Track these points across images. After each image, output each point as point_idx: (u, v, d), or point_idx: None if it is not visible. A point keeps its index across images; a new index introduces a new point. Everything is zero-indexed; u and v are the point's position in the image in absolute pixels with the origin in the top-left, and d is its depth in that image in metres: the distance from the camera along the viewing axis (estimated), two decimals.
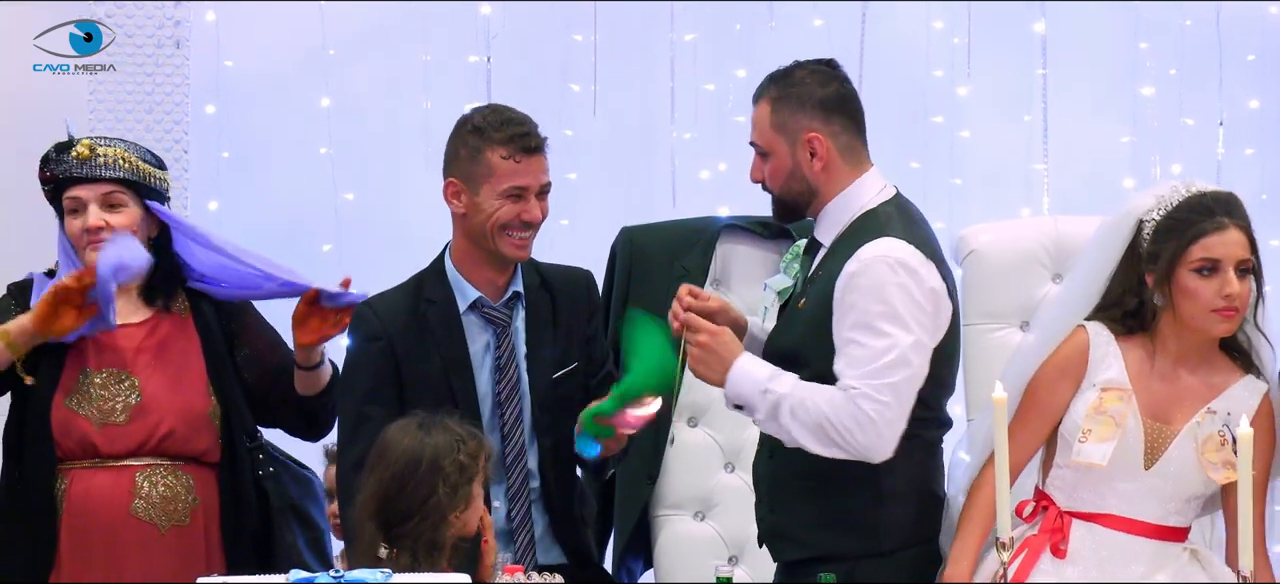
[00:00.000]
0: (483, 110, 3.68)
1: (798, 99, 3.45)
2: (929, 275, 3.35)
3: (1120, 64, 5.42)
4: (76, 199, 3.77)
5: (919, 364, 3.32)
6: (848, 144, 3.46)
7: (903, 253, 3.34)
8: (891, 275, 3.32)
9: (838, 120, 3.45)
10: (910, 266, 3.32)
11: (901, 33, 5.43)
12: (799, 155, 3.44)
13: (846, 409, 3.29)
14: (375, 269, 5.19)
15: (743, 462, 4.16)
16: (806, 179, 3.45)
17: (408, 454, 3.29)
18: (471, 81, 5.34)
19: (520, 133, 3.60)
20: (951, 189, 5.45)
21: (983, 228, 4.12)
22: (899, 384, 3.28)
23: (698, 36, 5.33)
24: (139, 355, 3.79)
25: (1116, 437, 3.38)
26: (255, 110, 5.34)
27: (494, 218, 3.60)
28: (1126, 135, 5.39)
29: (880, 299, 3.31)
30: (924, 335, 3.32)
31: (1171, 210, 3.37)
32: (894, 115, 5.44)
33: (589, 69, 5.33)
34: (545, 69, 5.36)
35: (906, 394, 3.31)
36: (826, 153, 3.43)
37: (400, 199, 5.40)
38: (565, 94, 5.28)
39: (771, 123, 3.47)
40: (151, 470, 3.73)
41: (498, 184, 3.59)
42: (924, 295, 3.33)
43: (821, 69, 3.50)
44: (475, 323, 3.67)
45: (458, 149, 3.65)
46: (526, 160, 3.60)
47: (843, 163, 3.45)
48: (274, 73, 5.37)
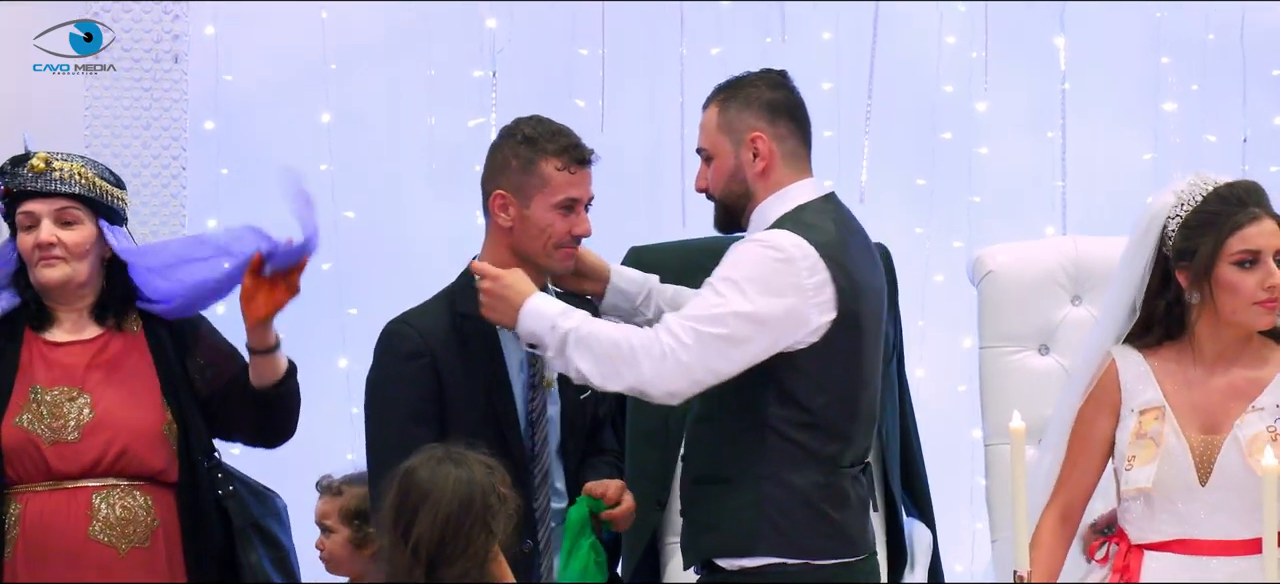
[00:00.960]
0: (529, 121, 3.66)
1: (744, 100, 3.50)
2: (807, 267, 3.35)
3: (1142, 79, 5.44)
4: (30, 213, 3.77)
5: (745, 335, 3.32)
6: (792, 150, 3.50)
7: (781, 238, 3.37)
8: (756, 250, 3.38)
9: (784, 124, 3.50)
10: (783, 250, 3.35)
11: (914, 47, 5.47)
12: (742, 156, 3.49)
13: (643, 338, 3.35)
14: (377, 288, 5.32)
15: None
16: (746, 181, 3.49)
17: (458, 493, 3.19)
18: (476, 96, 5.39)
19: (573, 144, 3.61)
20: (969, 207, 5.49)
21: (1000, 248, 4.18)
22: (708, 337, 3.31)
23: (719, 50, 5.37)
24: (90, 372, 3.77)
25: (1158, 456, 3.37)
26: (254, 125, 5.34)
27: (548, 232, 3.60)
28: (1148, 152, 5.42)
29: (734, 264, 3.37)
30: (767, 312, 3.32)
31: (1200, 204, 3.38)
32: (908, 131, 5.52)
33: (596, 83, 5.36)
34: (551, 83, 5.37)
35: (714, 352, 3.31)
36: (769, 154, 3.47)
37: (403, 216, 5.46)
38: (571, 109, 5.26)
39: (717, 123, 3.52)
40: (108, 491, 3.72)
41: (551, 196, 3.59)
42: (787, 281, 3.34)
43: (772, 76, 3.56)
44: (510, 339, 3.64)
45: (507, 160, 3.63)
46: (579, 172, 3.61)
47: (783, 167, 3.49)
48: (274, 87, 5.39)
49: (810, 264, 3.35)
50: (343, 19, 5.34)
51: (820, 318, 3.37)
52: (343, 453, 5.16)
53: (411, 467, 3.25)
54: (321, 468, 4.52)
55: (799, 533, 3.40)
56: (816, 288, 3.35)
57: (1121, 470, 3.43)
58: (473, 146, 5.25)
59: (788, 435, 3.40)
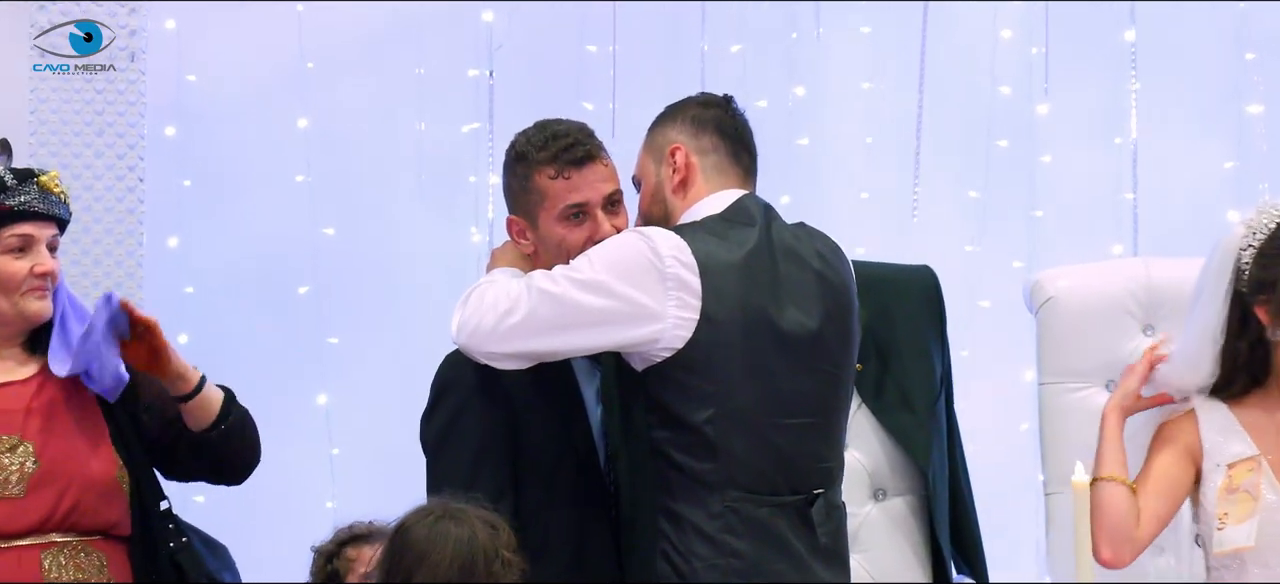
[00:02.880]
0: (527, 132, 3.69)
1: (672, 117, 3.62)
2: (671, 257, 3.41)
3: (1223, 78, 5.44)
4: (28, 236, 3.71)
5: (587, 303, 3.40)
6: (716, 164, 3.57)
7: (655, 231, 3.46)
8: (628, 236, 3.49)
9: (709, 138, 3.58)
10: (651, 241, 3.43)
11: (966, 42, 5.50)
12: (662, 173, 3.58)
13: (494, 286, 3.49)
14: (360, 315, 5.33)
15: None
16: (665, 199, 3.58)
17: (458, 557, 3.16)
18: (471, 98, 5.40)
19: (565, 145, 3.62)
20: (1029, 223, 5.49)
21: (1061, 271, 4.13)
22: (542, 292, 3.42)
23: (741, 47, 5.40)
24: (30, 418, 3.69)
25: (1256, 511, 3.36)
26: (221, 132, 5.35)
27: (563, 248, 3.60)
28: (1230, 160, 5.41)
29: (605, 242, 3.49)
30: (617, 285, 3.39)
31: (1275, 231, 3.41)
32: (958, 137, 5.56)
33: (605, 84, 5.37)
34: (556, 84, 5.38)
35: (545, 313, 3.42)
36: (686, 166, 3.55)
37: (390, 234, 5.47)
38: (578, 113, 5.24)
39: (645, 146, 3.64)
40: (58, 550, 3.65)
41: (552, 208, 3.61)
42: (645, 266, 3.40)
43: (711, 97, 3.66)
44: (584, 369, 3.67)
45: (509, 183, 3.69)
46: (578, 173, 3.61)
47: (702, 180, 3.56)
48: (244, 89, 5.39)
49: (674, 255, 3.41)
50: (322, 13, 5.34)
51: (678, 313, 3.40)
52: (321, 499, 5.17)
53: (406, 524, 3.22)
54: (296, 514, 4.60)
55: (700, 572, 3.40)
56: (679, 279, 3.40)
57: (1210, 531, 3.43)
58: (467, 156, 5.35)
59: (673, 459, 3.44)
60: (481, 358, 3.49)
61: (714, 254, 3.45)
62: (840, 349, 3.57)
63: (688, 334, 3.42)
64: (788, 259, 3.52)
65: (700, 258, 3.43)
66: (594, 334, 3.45)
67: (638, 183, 3.66)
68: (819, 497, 3.51)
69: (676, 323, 3.42)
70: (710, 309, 3.42)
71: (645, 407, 3.46)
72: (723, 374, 3.44)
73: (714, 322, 3.42)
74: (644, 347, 3.43)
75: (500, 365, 3.49)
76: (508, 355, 3.48)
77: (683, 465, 3.44)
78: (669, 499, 3.44)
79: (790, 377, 3.49)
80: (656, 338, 3.42)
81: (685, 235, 3.45)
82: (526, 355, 3.48)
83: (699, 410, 3.44)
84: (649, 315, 3.41)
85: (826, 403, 3.55)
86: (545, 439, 3.61)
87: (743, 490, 3.44)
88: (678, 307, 3.42)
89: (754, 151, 3.64)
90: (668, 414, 3.44)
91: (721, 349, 3.44)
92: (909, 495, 3.99)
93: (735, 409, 3.44)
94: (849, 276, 3.63)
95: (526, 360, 3.49)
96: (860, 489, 3.95)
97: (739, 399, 3.44)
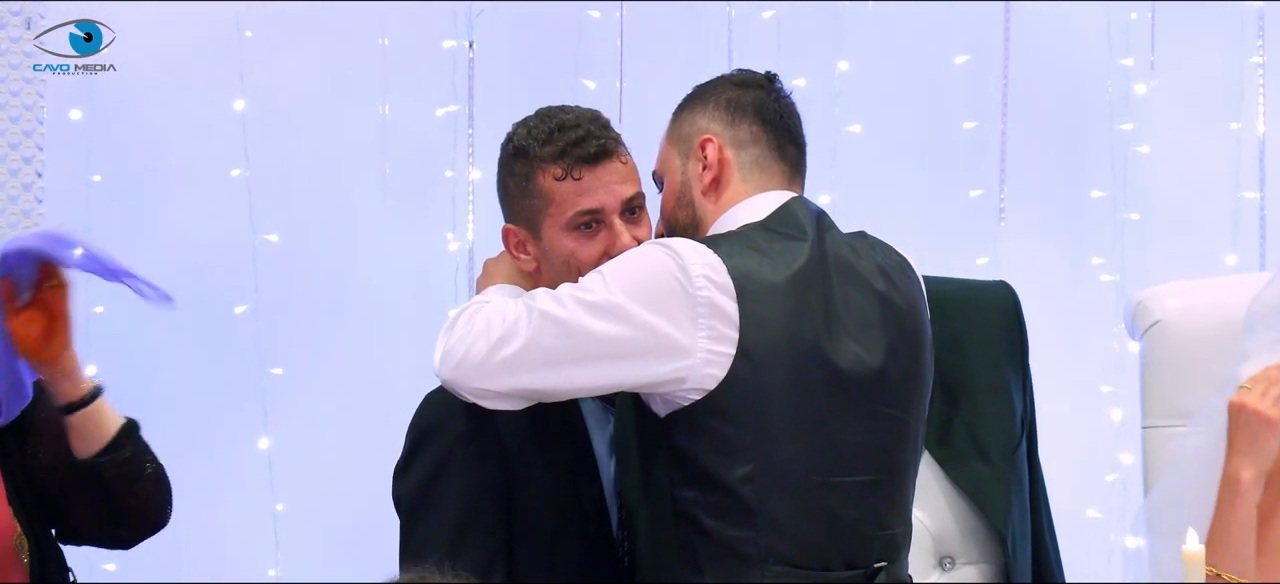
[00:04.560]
0: (527, 122, 3.68)
1: (702, 100, 3.60)
2: (702, 277, 3.38)
3: None
4: None
5: (599, 331, 3.37)
6: (756, 159, 3.56)
7: (683, 244, 3.41)
8: (649, 249, 3.45)
9: (748, 126, 3.57)
10: (678, 256, 3.38)
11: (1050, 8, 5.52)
12: (690, 169, 3.58)
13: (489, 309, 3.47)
14: (311, 340, 5.31)
15: None
16: (692, 202, 3.58)
17: None
18: (446, 75, 5.39)
19: (575, 138, 3.60)
20: (1125, 228, 5.51)
21: (1171, 289, 4.12)
22: (545, 316, 3.38)
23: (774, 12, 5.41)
24: None
25: None
26: (139, 116, 5.33)
27: (572, 264, 3.61)
28: None
29: (622, 257, 3.47)
30: (636, 310, 3.36)
31: None
32: (1038, 122, 5.60)
33: (611, 57, 5.37)
34: (550, 58, 5.40)
35: (548, 342, 3.38)
36: (719, 162, 3.54)
37: (347, 242, 5.50)
38: (579, 93, 5.27)
39: (669, 136, 3.63)
40: None
41: (559, 216, 3.61)
42: (671, 288, 3.37)
43: (749, 76, 3.65)
44: (594, 412, 3.69)
45: (506, 184, 3.68)
46: (591, 173, 3.60)
47: (740, 179, 3.56)
48: (167, 64, 5.37)
49: (705, 272, 3.37)
50: None
51: (710, 346, 3.37)
52: (262, 567, 5.17)
53: None
54: None
55: None
56: (710, 303, 3.37)
57: None
58: (441, 144, 5.33)
59: (702, 525, 3.42)
60: (469, 395, 3.44)
61: (754, 273, 3.40)
62: (908, 390, 3.54)
63: (721, 373, 3.38)
64: (845, 279, 3.49)
65: (737, 278, 3.38)
66: (607, 370, 3.41)
67: (660, 180, 3.64)
68: (880, 571, 3.49)
69: (708, 359, 3.37)
70: (749, 342, 3.38)
71: (669, 461, 3.43)
72: (764, 422, 3.40)
73: (754, 357, 3.38)
74: (668, 387, 3.39)
75: (491, 405, 3.45)
76: (501, 393, 3.44)
77: (713, 533, 3.41)
78: (696, 574, 3.43)
79: (847, 425, 3.46)
80: (683, 377, 3.38)
81: (719, 249, 3.40)
82: (524, 393, 3.44)
83: (734, 466, 3.40)
84: (674, 349, 3.37)
85: (891, 456, 3.52)
86: (547, 498, 3.61)
87: (787, 564, 3.42)
88: (710, 338, 3.38)
89: (802, 143, 3.62)
90: (696, 470, 3.41)
91: (763, 391, 3.40)
92: (983, 564, 4.01)
93: (779, 465, 3.41)
94: (920, 300, 3.60)
95: (524, 400, 3.46)
96: (924, 557, 3.96)
97: (784, 453, 3.41)
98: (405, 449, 3.64)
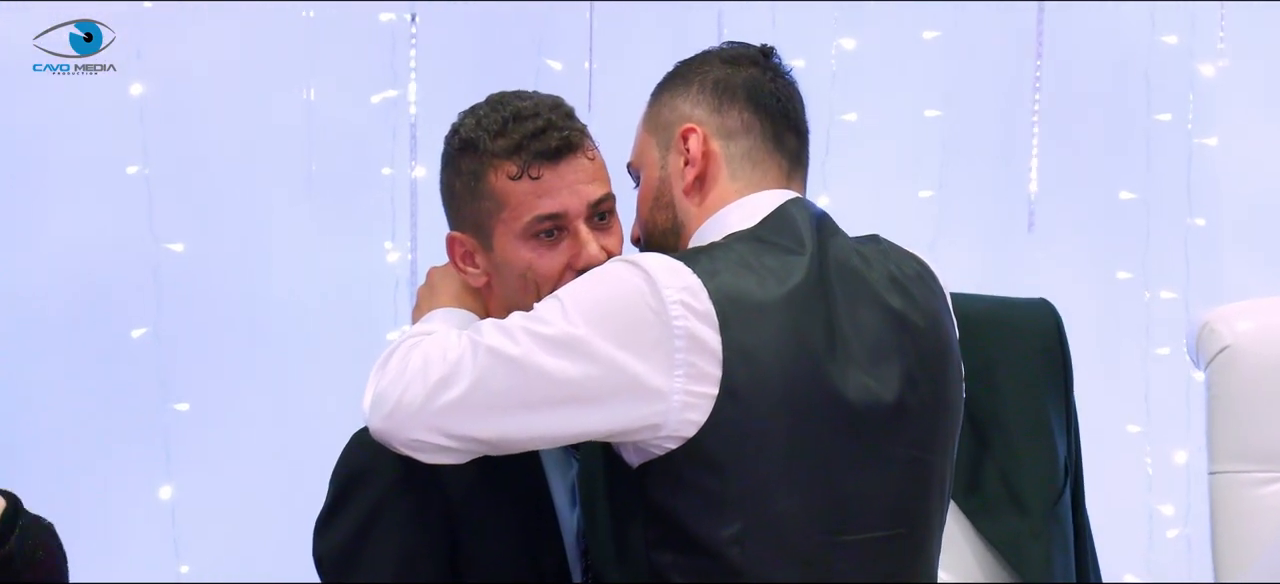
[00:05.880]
0: (476, 110, 3.64)
1: (684, 81, 3.57)
2: (679, 302, 3.33)
3: None
4: None
5: (556, 372, 3.35)
6: (748, 151, 3.53)
7: (657, 263, 3.35)
8: (616, 269, 3.39)
9: (737, 113, 3.53)
10: (650, 276, 3.33)
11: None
12: (670, 163, 3.55)
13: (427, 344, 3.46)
14: (222, 371, 5.26)
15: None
16: (672, 204, 3.56)
17: None
18: (385, 54, 5.51)
19: (533, 130, 3.59)
20: (1188, 235, 5.65)
21: (1243, 309, 4.09)
22: (493, 353, 3.36)
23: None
24: None
25: None
26: (16, 103, 5.40)
27: (528, 279, 3.62)
28: None
29: (583, 279, 3.43)
30: (601, 345, 3.34)
31: None
32: (1088, 112, 5.68)
33: (579, 34, 5.47)
34: (506, 33, 5.53)
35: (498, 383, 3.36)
36: (704, 156, 3.51)
37: (265, 252, 5.62)
38: (543, 74, 5.43)
39: (646, 124, 3.61)
40: None
41: (514, 221, 3.59)
42: (642, 316, 3.34)
43: (741, 51, 3.63)
44: (555, 454, 3.69)
45: (451, 183, 3.66)
46: (552, 171, 3.59)
47: (727, 174, 3.53)
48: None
49: (680, 297, 3.32)
50: None
51: (688, 386, 3.33)
52: None
53: None
54: None
55: None
56: (686, 332, 3.33)
57: None
58: (377, 136, 5.32)
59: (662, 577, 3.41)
60: (404, 447, 3.40)
61: (741, 294, 3.36)
62: (930, 426, 3.50)
63: (702, 417, 3.33)
64: (852, 295, 3.46)
65: (720, 302, 3.33)
66: (567, 416, 3.38)
67: (635, 175, 3.62)
68: None
69: (686, 401, 3.33)
70: (735, 379, 3.34)
71: (644, 518, 3.40)
72: (755, 471, 3.36)
73: (741, 397, 3.34)
74: (640, 434, 3.35)
75: (430, 458, 3.42)
76: (442, 446, 3.40)
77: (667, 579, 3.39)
78: None
79: (856, 471, 3.42)
80: (658, 423, 3.33)
81: (698, 267, 3.35)
82: (469, 444, 3.40)
83: (721, 525, 3.36)
84: (647, 391, 3.33)
85: (911, 508, 3.48)
86: (498, 558, 3.59)
87: None
88: (688, 377, 3.33)
89: (804, 132, 3.57)
90: (676, 529, 3.38)
91: (753, 435, 3.36)
92: None
93: (774, 521, 3.37)
94: (944, 316, 3.57)
95: (468, 452, 3.41)
96: None
97: (779, 507, 3.37)
98: (329, 498, 3.58)
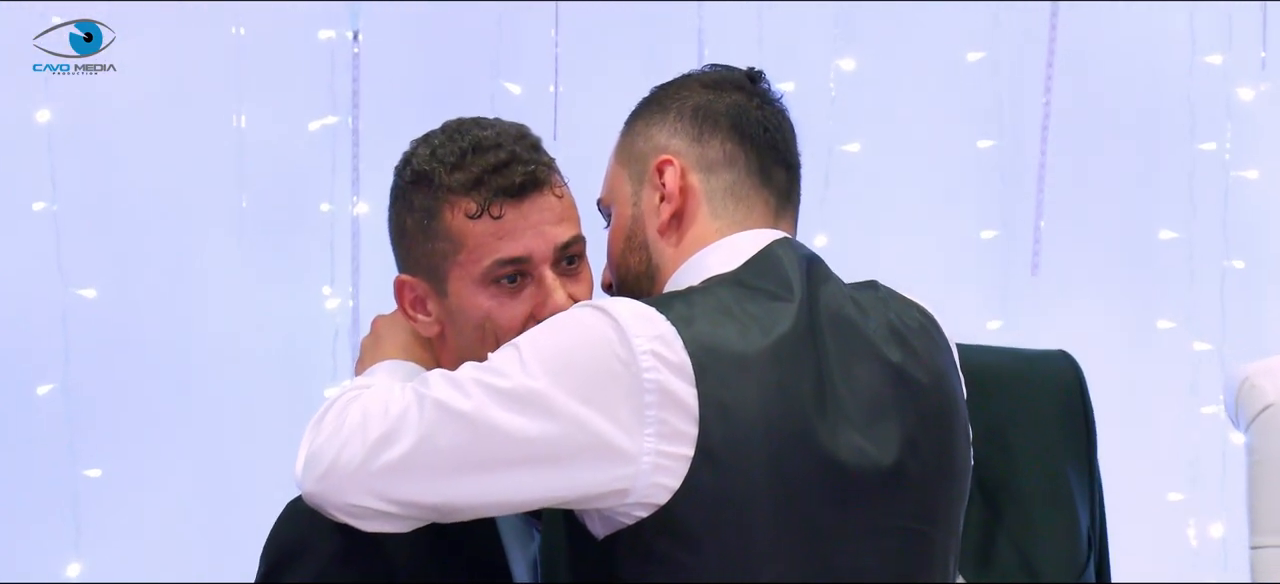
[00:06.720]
0: (431, 139, 3.66)
1: (660, 107, 3.57)
2: (650, 353, 3.33)
3: None
4: None
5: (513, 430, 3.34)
6: (731, 187, 3.53)
7: (626, 308, 3.35)
8: (581, 315, 3.40)
9: (719, 143, 3.53)
10: (619, 324, 3.33)
11: None
12: (644, 199, 3.55)
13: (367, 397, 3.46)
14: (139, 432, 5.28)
15: None
16: (647, 244, 3.57)
17: None
18: (324, 76, 5.58)
19: (495, 163, 3.59)
20: (1225, 278, 5.72)
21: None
22: (441, 408, 3.37)
23: None
24: None
25: None
26: None
27: (486, 330, 3.64)
28: None
29: (543, 326, 3.43)
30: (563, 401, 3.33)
31: None
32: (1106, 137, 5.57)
33: (543, 55, 5.56)
34: (460, 53, 5.60)
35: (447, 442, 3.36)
36: (682, 191, 3.51)
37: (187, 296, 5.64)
38: (499, 97, 5.31)
39: (618, 154, 3.61)
40: None
41: (472, 265, 3.60)
42: (610, 369, 3.33)
43: (724, 74, 3.63)
44: (514, 524, 3.70)
45: (401, 220, 3.67)
46: (515, 209, 3.59)
47: (708, 212, 3.53)
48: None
49: (649, 344, 3.32)
50: None
51: (659, 448, 3.32)
52: None
53: None
54: None
55: None
56: (657, 384, 3.32)
57: None
58: (316, 168, 5.31)
59: None
60: (340, 513, 3.39)
61: (720, 345, 3.34)
62: (934, 494, 3.47)
63: (675, 482, 3.31)
64: (845, 347, 3.44)
65: (697, 353, 3.31)
66: (524, 480, 3.36)
67: (606, 212, 3.62)
68: None
69: (657, 463, 3.31)
70: (712, 438, 3.32)
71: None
72: (735, 544, 3.35)
73: (718, 459, 3.33)
74: (606, 501, 3.33)
75: (369, 525, 3.41)
76: (384, 512, 3.39)
77: None
78: None
79: (849, 543, 3.40)
80: (626, 488, 3.31)
81: (673, 311, 3.33)
82: (415, 510, 3.39)
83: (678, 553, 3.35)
84: (613, 453, 3.31)
85: (911, 580, 3.48)
86: None
87: None
88: (659, 435, 3.32)
89: (794, 165, 3.57)
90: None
91: (733, 502, 3.34)
92: None
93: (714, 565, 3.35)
94: (950, 372, 3.55)
95: (414, 519, 3.39)
96: None
97: (763, 580, 3.37)
98: (259, 576, 3.58)
